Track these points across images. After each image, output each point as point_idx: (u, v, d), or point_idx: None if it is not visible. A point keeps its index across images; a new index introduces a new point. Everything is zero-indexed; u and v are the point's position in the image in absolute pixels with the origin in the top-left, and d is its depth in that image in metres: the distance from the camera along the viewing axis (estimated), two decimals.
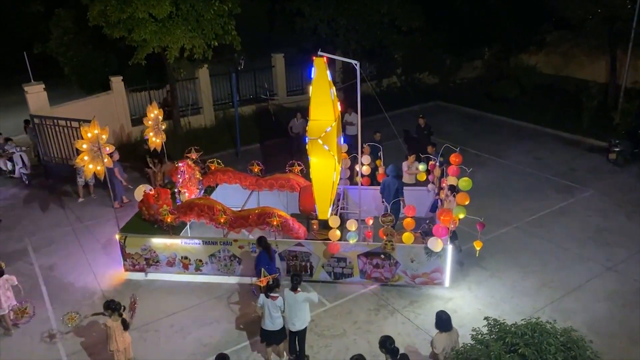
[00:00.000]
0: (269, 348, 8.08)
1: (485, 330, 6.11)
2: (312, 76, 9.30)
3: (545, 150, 16.46)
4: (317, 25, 18.84)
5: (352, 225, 9.39)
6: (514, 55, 23.16)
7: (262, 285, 7.88)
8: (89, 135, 9.27)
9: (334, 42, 19.29)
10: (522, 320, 5.88)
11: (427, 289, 9.77)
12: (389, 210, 9.66)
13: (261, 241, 8.93)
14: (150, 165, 13.63)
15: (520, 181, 14.31)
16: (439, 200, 10.77)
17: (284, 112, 19.24)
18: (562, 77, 22.44)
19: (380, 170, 11.82)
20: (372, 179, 12.02)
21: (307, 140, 9.06)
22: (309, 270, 9.90)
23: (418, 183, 12.07)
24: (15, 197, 14.50)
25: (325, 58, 9.24)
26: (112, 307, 7.58)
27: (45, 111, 15.15)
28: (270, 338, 7.91)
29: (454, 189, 9.81)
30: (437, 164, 11.23)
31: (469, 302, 9.43)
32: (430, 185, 11.51)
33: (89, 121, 11.70)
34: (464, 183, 9.65)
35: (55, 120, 14.49)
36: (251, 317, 9.18)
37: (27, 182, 15.10)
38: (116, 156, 12.73)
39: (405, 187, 11.44)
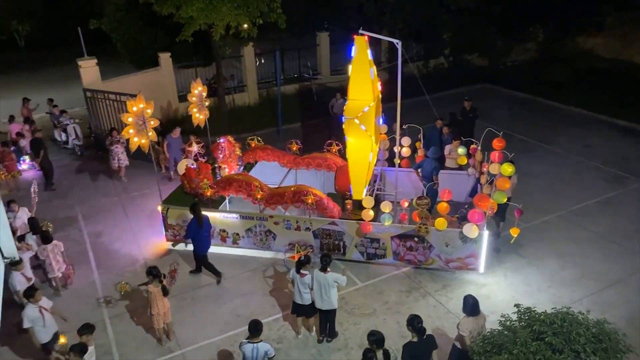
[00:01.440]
0: (299, 320, 8.28)
1: (514, 317, 6.04)
2: (352, 55, 9.25)
3: (597, 138, 15.76)
4: (363, 3, 18.58)
5: (386, 207, 9.37)
6: (569, 37, 22.10)
7: (294, 259, 8.04)
8: (134, 109, 9.60)
9: (380, 21, 18.98)
10: (553, 309, 5.76)
11: (460, 273, 9.68)
12: (424, 193, 9.57)
13: (192, 208, 9.37)
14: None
15: (568, 169, 13.80)
16: (479, 185, 10.56)
17: (327, 92, 19.21)
18: (621, 62, 21.26)
19: (420, 152, 11.68)
20: (412, 162, 11.91)
21: (343, 120, 9.05)
22: (342, 250, 9.98)
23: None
24: (68, 167, 15.26)
25: (366, 37, 9.16)
26: (153, 273, 7.94)
27: (97, 85, 15.77)
28: (300, 311, 8.13)
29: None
30: (479, 147, 10.99)
31: (503, 289, 9.28)
32: (470, 170, 11.29)
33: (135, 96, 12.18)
34: (506, 168, 9.41)
35: (105, 94, 15.06)
36: (284, 291, 9.39)
37: (79, 152, 15.86)
38: (177, 132, 13.36)
39: (445, 171, 11.29)
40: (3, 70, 28.92)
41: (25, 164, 14.71)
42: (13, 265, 8.16)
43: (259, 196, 9.85)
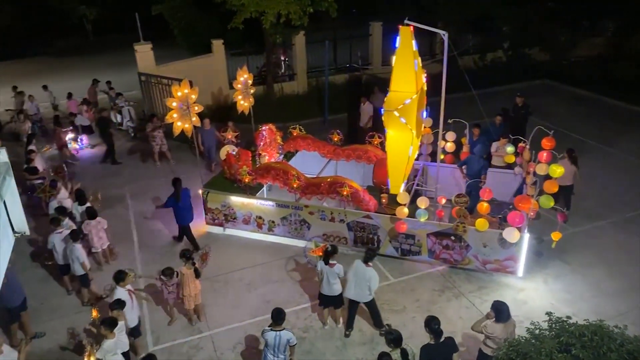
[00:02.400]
0: (326, 311, 8.29)
1: (545, 325, 5.75)
2: (397, 46, 9.04)
3: None
4: None
5: (422, 202, 9.16)
6: None
7: (316, 255, 8.04)
8: (179, 94, 9.82)
9: (434, 11, 18.45)
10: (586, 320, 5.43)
11: (498, 276, 9.32)
12: (466, 190, 9.27)
13: (173, 181, 10.18)
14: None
15: (626, 173, 12.96)
16: (524, 186, 10.11)
17: (377, 82, 18.91)
18: None
19: (465, 149, 11.31)
20: (457, 158, 11.56)
21: (382, 112, 8.88)
22: (375, 244, 9.85)
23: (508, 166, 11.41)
24: (121, 147, 15.88)
25: (411, 27, 8.93)
26: (186, 256, 8.17)
27: (151, 69, 16.29)
28: (328, 302, 8.13)
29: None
30: (528, 146, 10.50)
31: (542, 295, 8.86)
32: (517, 169, 10.81)
33: (190, 81, 12.46)
34: (554, 169, 8.94)
35: (158, 78, 15.53)
36: (314, 280, 9.38)
37: (132, 134, 16.49)
38: (207, 123, 13.40)
39: (491, 169, 10.89)
40: (71, 53, 30.54)
41: (77, 144, 15.40)
42: (74, 238, 8.66)
43: (295, 185, 9.88)
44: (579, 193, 11.26)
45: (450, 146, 11.28)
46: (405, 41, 8.96)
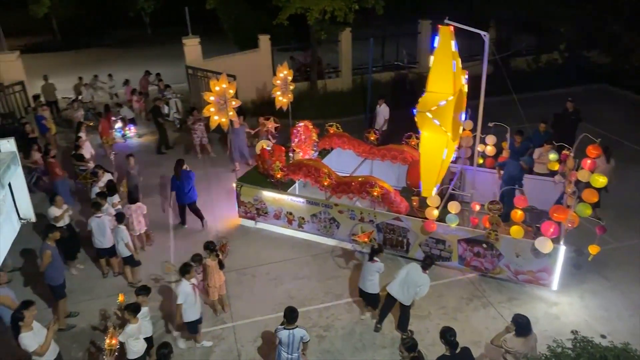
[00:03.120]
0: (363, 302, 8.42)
1: (569, 344, 5.49)
2: (435, 45, 8.84)
3: None
4: None
5: (453, 207, 8.92)
6: None
7: (361, 240, 8.51)
8: (217, 88, 10.00)
9: (486, 10, 17.89)
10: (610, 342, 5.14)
11: (530, 287, 8.96)
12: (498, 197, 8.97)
13: (177, 162, 10.67)
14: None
15: None
16: (564, 195, 9.65)
17: (423, 81, 18.55)
18: None
19: (505, 153, 10.93)
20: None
21: (415, 112, 8.70)
22: (405, 247, 9.70)
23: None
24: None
25: (452, 27, 8.70)
26: (210, 247, 8.32)
27: (198, 63, 16.71)
28: (363, 297, 8.23)
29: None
30: (572, 154, 10.01)
31: (577, 311, 8.45)
32: (557, 177, 10.34)
33: (233, 76, 12.69)
34: (597, 179, 8.47)
35: (204, 72, 15.89)
36: (339, 279, 9.38)
37: (178, 125, 16.96)
38: (239, 121, 13.32)
39: (532, 176, 10.48)
40: (129, 45, 31.77)
41: (119, 134, 16.01)
42: (120, 220, 9.03)
43: (325, 183, 9.86)
44: (632, 206, 10.65)
45: (490, 150, 10.93)
46: (445, 41, 8.76)
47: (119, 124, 15.89)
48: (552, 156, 10.57)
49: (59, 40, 33.41)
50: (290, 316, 6.53)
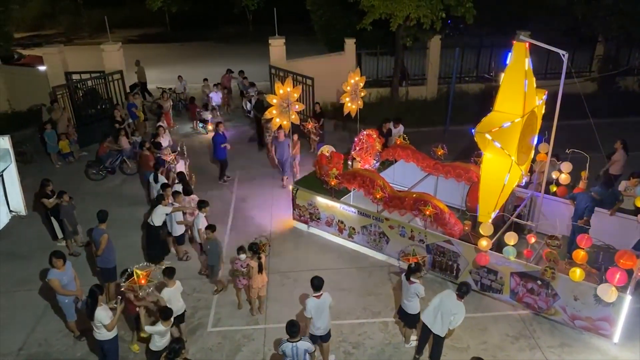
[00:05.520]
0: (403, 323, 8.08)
1: None
2: (507, 62, 8.27)
3: None
4: (573, 3, 16.22)
5: (511, 238, 8.28)
6: None
7: (408, 262, 8.33)
8: (281, 91, 10.13)
9: (590, 24, 16.38)
10: None
11: (588, 336, 8.09)
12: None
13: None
14: None
15: None
16: None
17: None
18: None
19: (582, 184, 9.97)
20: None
21: (472, 132, 8.18)
22: (454, 272, 9.19)
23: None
24: (244, 133, 16.97)
25: (527, 44, 8.08)
26: (253, 249, 8.49)
27: (281, 63, 17.03)
28: (402, 316, 7.89)
29: None
30: None
31: None
32: None
33: (311, 78, 12.76)
34: None
35: (286, 73, 16.18)
36: (380, 297, 9.11)
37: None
38: (281, 135, 12.47)
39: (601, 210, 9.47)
40: (231, 41, 33.26)
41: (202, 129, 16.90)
42: (200, 207, 9.51)
43: (378, 196, 9.61)
44: None
45: (564, 178, 10.02)
46: (518, 58, 8.16)
47: (208, 115, 16.72)
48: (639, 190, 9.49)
49: (169, 33, 35.83)
50: (291, 330, 6.45)
